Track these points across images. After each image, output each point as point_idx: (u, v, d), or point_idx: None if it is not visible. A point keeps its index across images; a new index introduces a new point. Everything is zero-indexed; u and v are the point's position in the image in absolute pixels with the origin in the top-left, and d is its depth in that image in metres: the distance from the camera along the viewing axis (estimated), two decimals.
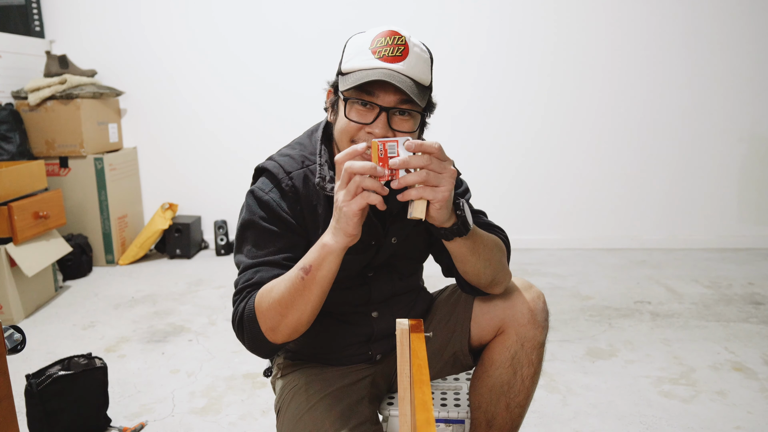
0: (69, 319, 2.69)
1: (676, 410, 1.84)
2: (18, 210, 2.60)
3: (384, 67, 1.01)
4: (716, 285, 2.98)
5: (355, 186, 0.91)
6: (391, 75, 1.00)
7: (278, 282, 1.01)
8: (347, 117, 1.04)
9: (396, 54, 1.01)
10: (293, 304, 0.99)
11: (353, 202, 0.91)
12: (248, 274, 1.07)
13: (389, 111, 1.02)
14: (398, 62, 1.01)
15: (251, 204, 1.12)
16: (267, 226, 1.09)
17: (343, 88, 1.03)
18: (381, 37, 1.03)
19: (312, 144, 1.16)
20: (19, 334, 0.99)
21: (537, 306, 1.17)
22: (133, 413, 1.90)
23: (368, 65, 1.02)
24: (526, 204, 3.75)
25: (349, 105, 1.04)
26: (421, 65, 1.04)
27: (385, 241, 1.17)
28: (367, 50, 1.02)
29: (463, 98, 3.62)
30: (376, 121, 1.02)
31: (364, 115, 1.03)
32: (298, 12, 3.61)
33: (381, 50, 1.02)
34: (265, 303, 1.01)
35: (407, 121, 1.05)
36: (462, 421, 1.24)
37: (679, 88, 3.54)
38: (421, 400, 0.70)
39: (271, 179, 1.13)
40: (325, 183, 1.10)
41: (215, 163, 3.82)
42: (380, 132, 1.02)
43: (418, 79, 1.03)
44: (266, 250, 1.09)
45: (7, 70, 3.36)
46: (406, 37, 1.03)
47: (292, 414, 1.13)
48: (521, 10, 3.53)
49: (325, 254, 0.96)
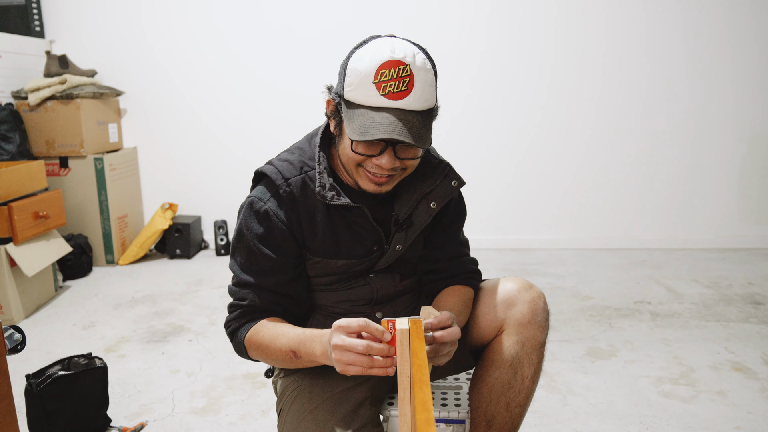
0: (69, 319, 2.69)
1: (676, 410, 1.84)
2: (18, 210, 2.60)
3: (390, 107, 0.99)
4: (716, 285, 2.98)
5: (364, 363, 0.91)
6: (397, 124, 0.98)
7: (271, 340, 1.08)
8: (354, 151, 1.05)
9: (402, 89, 0.99)
10: (276, 362, 1.11)
11: (350, 369, 0.92)
12: (241, 293, 1.14)
13: (395, 145, 1.03)
14: (404, 97, 0.99)
15: (248, 217, 1.14)
16: (260, 245, 1.12)
17: (351, 134, 1.01)
18: (385, 68, 0.99)
19: (311, 149, 1.17)
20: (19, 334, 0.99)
21: (537, 306, 1.17)
22: (133, 413, 1.90)
23: (373, 103, 1.00)
24: (525, 204, 3.75)
25: (356, 141, 1.03)
26: (427, 90, 1.02)
27: (389, 248, 1.18)
28: (371, 84, 0.99)
29: (462, 97, 3.62)
30: (383, 154, 1.03)
31: (370, 148, 1.04)
32: (298, 12, 3.61)
33: (386, 85, 0.99)
34: (254, 345, 1.11)
35: (413, 149, 1.05)
36: (462, 421, 1.24)
37: (679, 88, 3.54)
38: (421, 400, 0.70)
39: (269, 187, 1.14)
40: (325, 191, 1.10)
41: (215, 163, 3.82)
42: (387, 164, 1.04)
43: (424, 107, 1.02)
44: (257, 267, 1.14)
45: (7, 70, 3.36)
46: (410, 65, 0.99)
47: (294, 415, 1.13)
48: (521, 9, 3.53)
49: (313, 359, 1.02)
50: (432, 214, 1.18)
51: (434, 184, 1.18)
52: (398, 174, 1.09)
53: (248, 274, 1.14)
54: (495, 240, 3.75)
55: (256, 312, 1.14)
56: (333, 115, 1.10)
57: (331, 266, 1.16)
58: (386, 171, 1.06)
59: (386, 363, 0.90)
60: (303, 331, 1.05)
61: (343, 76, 1.05)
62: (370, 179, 1.08)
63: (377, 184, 1.08)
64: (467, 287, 1.24)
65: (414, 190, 1.17)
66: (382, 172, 1.06)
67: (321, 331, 1.01)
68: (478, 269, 1.29)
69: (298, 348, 1.03)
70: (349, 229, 1.15)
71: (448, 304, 1.16)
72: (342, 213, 1.14)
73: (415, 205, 1.17)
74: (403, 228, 1.17)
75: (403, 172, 1.10)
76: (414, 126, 1.00)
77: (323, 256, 1.15)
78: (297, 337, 1.04)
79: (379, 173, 1.06)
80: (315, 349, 1.00)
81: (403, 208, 1.17)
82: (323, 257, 1.15)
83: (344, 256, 1.16)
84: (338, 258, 1.15)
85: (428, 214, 1.18)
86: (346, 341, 0.91)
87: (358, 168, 1.08)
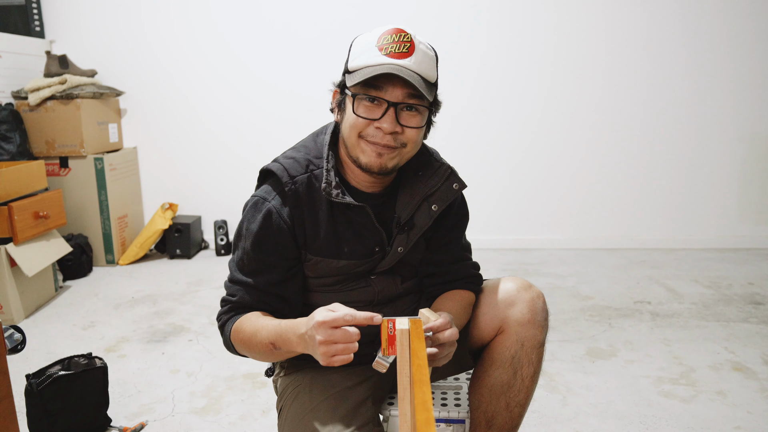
0: (69, 319, 2.69)
1: (676, 410, 1.84)
2: (18, 210, 2.60)
3: (391, 63, 1.02)
4: (716, 285, 2.98)
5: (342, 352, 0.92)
6: (399, 69, 1.02)
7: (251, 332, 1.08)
8: (355, 113, 1.06)
9: (403, 50, 1.03)
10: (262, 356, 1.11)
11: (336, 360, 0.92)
12: (233, 289, 1.16)
13: (397, 106, 1.04)
14: (405, 58, 1.03)
15: (250, 216, 1.14)
16: (257, 245, 1.13)
17: (351, 83, 1.05)
18: (387, 34, 1.04)
19: (317, 147, 1.17)
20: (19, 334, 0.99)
21: (536, 306, 1.17)
22: (133, 413, 1.90)
23: (375, 61, 1.03)
24: (525, 204, 3.75)
25: (357, 101, 1.05)
26: (428, 62, 1.06)
27: (391, 249, 1.18)
28: (374, 47, 1.04)
29: (462, 97, 3.62)
30: (384, 117, 1.04)
31: (372, 110, 1.05)
32: (299, 12, 3.61)
33: (388, 47, 1.03)
34: (238, 339, 1.11)
35: (415, 116, 1.06)
36: (462, 420, 1.24)
37: (679, 88, 3.54)
38: (421, 400, 0.70)
39: (275, 185, 1.14)
40: (330, 188, 1.10)
41: (215, 163, 3.82)
42: (389, 127, 1.04)
43: (424, 75, 1.05)
44: (252, 266, 1.14)
45: (7, 70, 3.36)
46: (411, 35, 1.05)
47: (294, 414, 1.13)
48: (521, 9, 3.53)
49: (291, 349, 1.02)
50: (433, 217, 1.18)
51: (436, 186, 1.18)
52: (399, 150, 1.08)
53: (242, 272, 1.15)
54: (495, 240, 3.75)
55: (244, 308, 1.14)
56: (337, 105, 1.12)
57: (332, 266, 1.16)
58: (387, 138, 1.05)
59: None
60: (280, 322, 1.05)
61: (347, 57, 1.09)
62: (371, 150, 1.07)
63: (378, 155, 1.07)
64: (468, 291, 1.24)
65: (416, 192, 1.17)
66: (384, 139, 1.06)
67: (295, 321, 1.01)
68: (479, 274, 1.29)
69: (276, 340, 1.03)
70: (352, 230, 1.15)
71: (447, 308, 1.16)
72: (345, 213, 1.14)
73: (416, 207, 1.17)
74: (404, 230, 1.17)
75: (404, 148, 1.09)
76: (415, 79, 1.03)
77: (325, 255, 1.15)
78: (275, 329, 1.04)
79: (380, 141, 1.06)
80: (291, 339, 1.00)
81: (405, 210, 1.17)
82: (325, 257, 1.15)
83: (346, 256, 1.15)
84: (340, 258, 1.15)
85: (430, 216, 1.18)
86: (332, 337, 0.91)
87: (360, 140, 1.08)
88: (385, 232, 1.17)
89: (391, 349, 0.93)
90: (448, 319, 1.01)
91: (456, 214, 1.26)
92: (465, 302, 1.21)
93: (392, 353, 0.93)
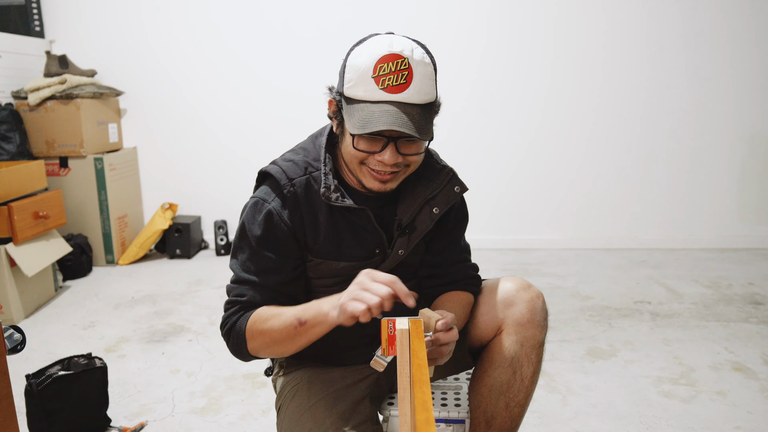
0: (69, 319, 2.69)
1: (676, 410, 1.84)
2: (18, 210, 2.60)
3: (389, 100, 1.00)
4: (716, 285, 2.98)
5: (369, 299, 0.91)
6: (397, 115, 0.99)
7: (273, 317, 1.05)
8: (356, 147, 1.05)
9: (401, 82, 1.00)
10: (281, 343, 1.05)
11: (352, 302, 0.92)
12: (240, 289, 1.12)
13: (397, 141, 1.03)
14: (403, 90, 1.00)
15: (250, 217, 1.13)
16: (261, 245, 1.11)
17: (351, 129, 1.02)
18: (384, 62, 1.00)
19: (316, 149, 1.17)
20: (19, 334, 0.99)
21: (536, 306, 1.17)
22: (133, 413, 1.90)
23: (373, 97, 1.00)
24: (525, 204, 3.75)
25: (357, 137, 1.04)
26: (426, 84, 1.03)
27: (392, 252, 1.18)
28: (370, 79, 1.00)
29: (462, 97, 3.62)
30: (385, 150, 1.03)
31: (372, 145, 1.04)
32: (299, 12, 3.61)
33: (385, 79, 1.00)
34: (256, 329, 1.06)
35: (415, 143, 1.06)
36: (462, 420, 1.24)
37: (679, 88, 3.54)
38: (421, 400, 0.70)
39: (273, 187, 1.14)
40: (330, 193, 1.10)
41: (215, 163, 3.82)
42: (390, 160, 1.04)
43: (424, 101, 1.03)
44: (258, 266, 1.12)
45: (7, 70, 3.36)
46: (408, 59, 1.00)
47: (293, 412, 1.13)
48: (521, 9, 3.53)
49: (321, 320, 0.99)
50: (434, 220, 1.18)
51: (437, 189, 1.18)
52: (402, 171, 1.09)
53: (249, 273, 1.13)
54: (495, 240, 3.75)
55: (255, 307, 1.12)
56: (335, 115, 1.10)
57: (332, 268, 1.16)
58: (389, 167, 1.06)
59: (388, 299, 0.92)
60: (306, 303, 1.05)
61: (343, 74, 1.06)
62: (373, 177, 1.08)
63: (381, 182, 1.08)
64: (467, 293, 1.24)
65: (417, 195, 1.17)
66: (385, 168, 1.06)
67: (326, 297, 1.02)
68: (478, 275, 1.28)
69: (303, 313, 1.01)
70: (352, 231, 1.15)
71: (447, 309, 1.16)
72: (345, 215, 1.14)
73: (418, 210, 1.17)
74: (405, 233, 1.17)
75: (407, 168, 1.09)
76: (414, 118, 1.00)
77: (325, 257, 1.15)
78: (301, 306, 1.03)
79: (383, 170, 1.06)
80: (322, 305, 0.99)
81: (406, 213, 1.17)
82: (325, 259, 1.15)
83: (346, 258, 1.15)
84: (340, 260, 1.15)
85: (431, 219, 1.18)
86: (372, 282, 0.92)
87: (362, 166, 1.08)
88: (385, 233, 1.17)
89: (391, 349, 0.93)
90: (451, 317, 1.01)
91: (456, 216, 1.26)
92: (464, 303, 1.21)
93: (392, 353, 0.93)
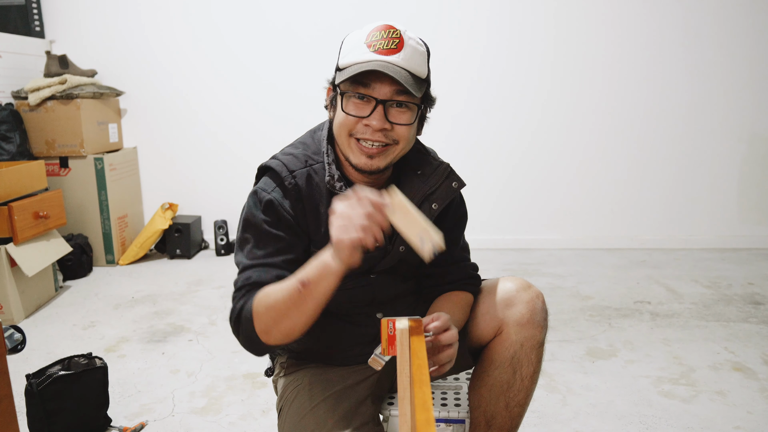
0: (69, 319, 2.69)
1: (676, 410, 1.84)
2: (18, 210, 2.60)
3: (379, 60, 1.02)
4: (716, 285, 2.98)
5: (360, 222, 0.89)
6: (386, 66, 1.02)
7: (276, 288, 1.00)
8: (344, 111, 1.06)
9: (391, 47, 1.03)
10: (288, 314, 0.98)
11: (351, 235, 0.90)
12: (248, 273, 1.07)
13: (386, 103, 1.04)
14: (393, 54, 1.03)
15: (252, 205, 1.12)
16: (266, 227, 1.09)
17: (339, 80, 1.05)
18: (376, 31, 1.05)
19: (315, 143, 1.17)
20: (19, 334, 0.99)
21: (536, 305, 1.17)
22: (133, 413, 1.90)
23: (364, 58, 1.03)
24: (525, 204, 3.75)
25: (346, 99, 1.06)
26: (417, 57, 1.06)
27: (393, 248, 1.17)
28: (363, 44, 1.05)
29: (462, 97, 3.62)
30: (373, 114, 1.04)
31: (361, 108, 1.05)
32: (299, 11, 3.61)
33: (376, 43, 1.04)
34: (262, 306, 1.01)
35: (404, 113, 1.06)
36: (462, 420, 1.24)
37: (679, 88, 3.54)
38: (421, 400, 0.70)
39: (274, 178, 1.13)
40: (334, 182, 1.10)
41: (215, 163, 3.82)
42: (378, 124, 1.04)
43: (413, 71, 1.05)
44: (266, 250, 1.08)
45: (7, 70, 3.36)
46: (401, 31, 1.05)
47: (294, 413, 1.13)
48: (521, 9, 3.53)
49: (325, 273, 0.95)
50: (434, 215, 1.18)
51: (436, 185, 1.18)
52: (391, 148, 1.08)
53: (256, 258, 1.09)
54: (495, 240, 3.75)
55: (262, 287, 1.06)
56: (331, 102, 1.12)
57: None
58: (377, 134, 1.05)
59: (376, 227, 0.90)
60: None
61: (339, 53, 1.10)
62: (361, 151, 1.07)
63: (368, 157, 1.07)
64: (466, 293, 1.24)
65: (416, 191, 1.17)
66: (374, 136, 1.05)
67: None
68: (477, 275, 1.28)
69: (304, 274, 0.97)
70: None
71: (446, 310, 1.16)
72: None
73: (418, 206, 1.17)
74: None
75: (396, 145, 1.08)
76: (403, 75, 1.02)
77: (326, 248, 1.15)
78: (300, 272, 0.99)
79: (371, 138, 1.06)
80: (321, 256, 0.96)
81: None
82: None
83: None
84: None
85: (431, 215, 1.18)
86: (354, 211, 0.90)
87: (350, 139, 1.08)
88: None
89: (391, 349, 0.93)
90: (445, 318, 1.00)
91: (454, 215, 1.26)
92: (463, 304, 1.21)
93: (392, 353, 0.93)
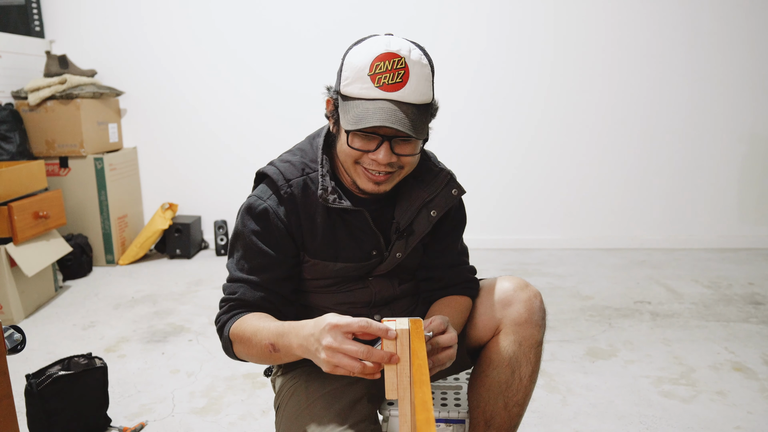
0: (69, 319, 2.69)
1: (676, 410, 1.84)
2: (18, 210, 2.60)
3: (384, 98, 1.00)
4: (716, 285, 2.98)
5: (354, 369, 0.87)
6: (392, 113, 0.99)
7: (252, 331, 1.05)
8: (350, 146, 1.05)
9: (396, 81, 1.00)
10: (259, 358, 1.07)
11: (338, 371, 0.89)
12: (233, 287, 1.13)
13: (392, 139, 1.03)
14: (399, 89, 1.00)
15: (246, 215, 1.14)
16: (255, 240, 1.12)
17: (345, 125, 1.03)
18: (380, 61, 1.00)
19: (313, 150, 1.17)
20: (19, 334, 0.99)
21: (534, 305, 1.17)
22: (133, 413, 1.90)
23: (368, 95, 1.01)
24: (525, 204, 3.75)
25: (352, 134, 1.04)
26: (423, 85, 1.02)
27: (389, 255, 1.18)
28: (366, 77, 1.01)
29: (462, 97, 3.62)
30: (379, 149, 1.03)
31: (366, 143, 1.04)
32: (299, 11, 3.61)
33: (381, 77, 1.00)
34: (238, 339, 1.08)
35: (410, 143, 1.05)
36: (462, 420, 1.24)
37: (679, 88, 3.54)
38: (421, 400, 0.70)
39: (270, 186, 1.14)
40: (327, 194, 1.10)
41: (215, 163, 3.82)
42: (384, 159, 1.04)
43: (419, 101, 1.03)
44: (251, 264, 1.13)
45: (7, 70, 3.36)
46: (405, 58, 1.00)
47: (291, 411, 1.13)
48: (521, 9, 3.53)
49: (290, 352, 0.99)
50: (432, 222, 1.18)
51: (435, 192, 1.18)
52: (396, 173, 1.09)
53: (242, 271, 1.13)
54: (495, 240, 3.75)
55: (245, 306, 1.12)
56: (332, 114, 1.11)
57: (329, 269, 1.16)
58: (383, 167, 1.06)
59: (375, 369, 0.88)
60: (282, 323, 1.02)
61: (340, 73, 1.06)
62: (368, 177, 1.08)
63: (375, 183, 1.08)
64: (464, 297, 1.24)
65: (415, 197, 1.17)
66: (379, 168, 1.06)
67: (299, 322, 0.98)
68: (475, 278, 1.28)
69: (276, 341, 1.00)
70: (349, 233, 1.15)
71: (444, 314, 1.16)
72: (342, 216, 1.14)
73: (416, 213, 1.17)
74: (403, 236, 1.17)
75: (401, 170, 1.09)
76: (409, 117, 1.00)
77: (321, 258, 1.15)
78: (276, 329, 1.01)
79: (377, 170, 1.06)
80: (291, 342, 0.97)
81: (404, 216, 1.17)
82: (321, 259, 1.15)
83: (342, 259, 1.15)
84: (336, 261, 1.15)
85: (429, 222, 1.18)
86: (343, 346, 0.87)
87: (356, 166, 1.08)
88: (382, 236, 1.17)
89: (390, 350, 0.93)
90: (441, 320, 1.00)
91: (453, 219, 1.26)
92: (461, 308, 1.21)
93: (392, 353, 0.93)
